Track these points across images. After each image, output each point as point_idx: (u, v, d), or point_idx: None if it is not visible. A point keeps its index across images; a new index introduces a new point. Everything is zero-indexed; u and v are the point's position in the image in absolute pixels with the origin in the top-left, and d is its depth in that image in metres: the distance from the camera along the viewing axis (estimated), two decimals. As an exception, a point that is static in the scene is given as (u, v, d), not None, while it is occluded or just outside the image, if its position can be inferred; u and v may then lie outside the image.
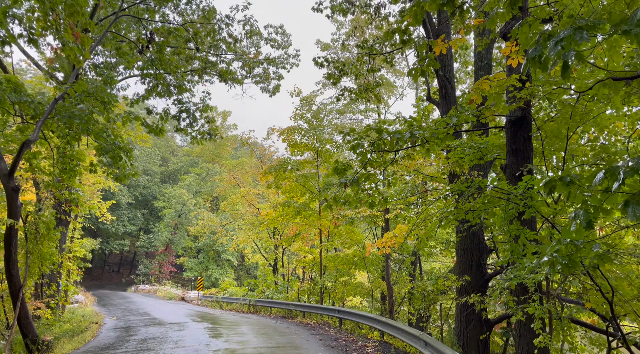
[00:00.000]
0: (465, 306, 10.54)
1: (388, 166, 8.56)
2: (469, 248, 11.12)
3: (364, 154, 8.13)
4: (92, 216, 51.45)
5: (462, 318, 10.85)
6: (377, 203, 8.85)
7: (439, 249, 16.22)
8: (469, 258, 11.08)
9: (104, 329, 16.67)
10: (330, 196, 8.05)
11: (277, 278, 27.21)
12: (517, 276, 5.62)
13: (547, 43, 3.89)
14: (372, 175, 8.51)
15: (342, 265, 18.98)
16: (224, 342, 11.92)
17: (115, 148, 13.02)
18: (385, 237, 9.62)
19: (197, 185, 57.33)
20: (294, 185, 21.99)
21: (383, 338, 11.83)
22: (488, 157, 9.81)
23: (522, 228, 6.24)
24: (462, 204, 9.44)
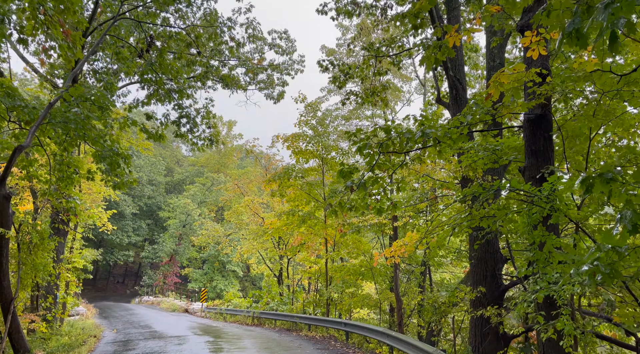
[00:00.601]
0: (481, 320, 9.87)
1: (397, 169, 7.99)
2: (483, 258, 10.47)
3: (371, 156, 7.57)
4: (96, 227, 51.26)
5: (477, 332, 10.17)
6: (386, 209, 8.28)
7: (449, 259, 15.56)
8: (484, 268, 10.43)
9: (102, 343, 16.08)
10: (335, 201, 7.45)
11: (282, 289, 26.55)
12: (544, 288, 5.01)
13: (586, 15, 3.34)
14: (380, 178, 7.94)
15: (349, 276, 18.32)
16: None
17: (113, 154, 12.56)
18: (395, 246, 9.02)
19: (202, 195, 56.91)
20: (298, 193, 21.45)
21: (392, 352, 11.16)
22: (503, 160, 9.20)
23: (548, 234, 5.63)
24: (476, 210, 8.83)
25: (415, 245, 9.09)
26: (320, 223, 20.76)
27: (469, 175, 9.85)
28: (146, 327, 21.20)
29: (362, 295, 18.08)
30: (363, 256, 18.67)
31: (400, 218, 14.41)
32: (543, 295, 4.99)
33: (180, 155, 79.48)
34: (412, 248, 8.97)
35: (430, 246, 9.30)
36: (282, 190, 20.95)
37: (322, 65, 15.27)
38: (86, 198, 21.95)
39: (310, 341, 14.91)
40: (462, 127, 7.69)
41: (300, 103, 22.31)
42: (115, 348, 14.76)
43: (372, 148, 7.41)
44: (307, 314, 18.34)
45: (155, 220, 61.87)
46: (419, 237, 8.91)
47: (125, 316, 27.71)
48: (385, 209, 8.37)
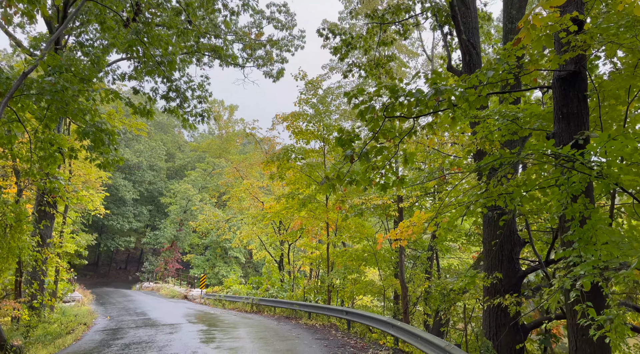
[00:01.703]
0: (496, 309, 8.89)
1: (405, 137, 6.93)
2: (498, 241, 9.44)
3: (374, 121, 6.53)
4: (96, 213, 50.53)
5: (492, 322, 9.19)
6: (392, 185, 7.25)
7: (459, 243, 14.57)
8: (499, 251, 9.41)
9: (91, 332, 15.28)
10: (332, 173, 6.40)
11: (284, 275, 25.70)
12: (590, 273, 4.00)
13: None
14: (385, 148, 6.90)
15: (351, 262, 17.37)
16: (214, 349, 10.40)
17: (96, 130, 11.54)
18: (401, 226, 8.01)
19: (203, 181, 56.01)
20: (298, 175, 20.42)
21: (397, 345, 10.22)
22: (524, 130, 8.12)
23: (593, 207, 4.59)
24: (493, 186, 7.79)
25: (423, 225, 8.07)
26: (322, 206, 19.77)
27: (485, 148, 8.77)
28: (141, 314, 20.42)
29: (365, 282, 17.16)
30: (366, 240, 17.70)
31: (406, 199, 13.38)
32: (590, 282, 3.98)
33: (182, 141, 78.46)
34: (420, 228, 7.96)
35: (441, 227, 8.27)
36: (282, 172, 19.91)
37: (322, 33, 14.13)
38: (77, 181, 21.03)
39: (310, 330, 14.02)
40: (481, 88, 6.63)
41: (300, 80, 21.18)
42: (103, 336, 13.94)
43: (375, 111, 6.35)
44: (307, 302, 17.44)
45: (156, 205, 61.12)
46: (429, 217, 7.89)
47: (122, 303, 27.00)
48: (390, 185, 7.35)
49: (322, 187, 6.74)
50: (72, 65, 11.29)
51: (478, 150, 9.43)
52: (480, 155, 9.80)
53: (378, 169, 7.21)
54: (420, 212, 7.97)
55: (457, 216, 8.28)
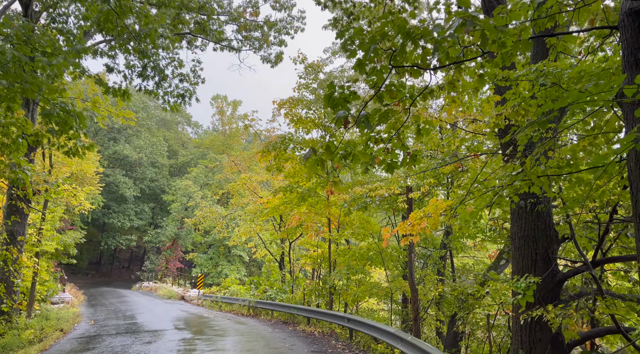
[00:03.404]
0: (531, 321, 7.15)
1: (417, 98, 5.23)
2: (531, 236, 7.70)
3: (378, 72, 4.82)
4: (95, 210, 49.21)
5: (525, 337, 7.46)
6: (401, 163, 5.58)
7: (478, 239, 12.81)
8: (532, 249, 7.66)
9: (64, 340, 13.72)
10: (320, 143, 4.64)
11: (285, 274, 24.06)
12: None
13: None
14: (392, 112, 5.22)
15: (355, 261, 15.68)
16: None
17: (62, 111, 9.92)
18: (412, 218, 6.32)
19: (205, 177, 54.46)
20: (298, 167, 18.71)
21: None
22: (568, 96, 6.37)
23: None
24: (530, 166, 6.08)
25: (440, 217, 6.38)
26: (323, 201, 18.08)
27: (517, 120, 7.03)
28: (129, 318, 18.88)
29: (371, 283, 15.45)
30: (371, 238, 15.99)
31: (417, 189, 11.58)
32: None
33: (185, 138, 77.13)
34: (436, 221, 6.28)
35: (462, 218, 6.57)
36: (279, 163, 18.19)
37: (321, 1, 12.44)
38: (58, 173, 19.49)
39: (307, 339, 12.34)
40: (523, 27, 4.93)
41: (299, 64, 19.50)
42: (73, 346, 12.36)
43: (379, 55, 4.65)
44: (306, 306, 15.78)
45: (159, 203, 59.81)
46: (448, 206, 6.20)
47: (114, 304, 25.50)
48: (399, 163, 5.67)
49: (307, 163, 5.07)
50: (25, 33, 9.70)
51: (506, 125, 7.68)
52: (505, 132, 8.06)
53: (383, 142, 5.51)
54: (438, 199, 6.28)
55: (483, 206, 6.55)
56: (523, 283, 4.58)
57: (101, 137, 55.26)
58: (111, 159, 53.49)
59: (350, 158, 5.08)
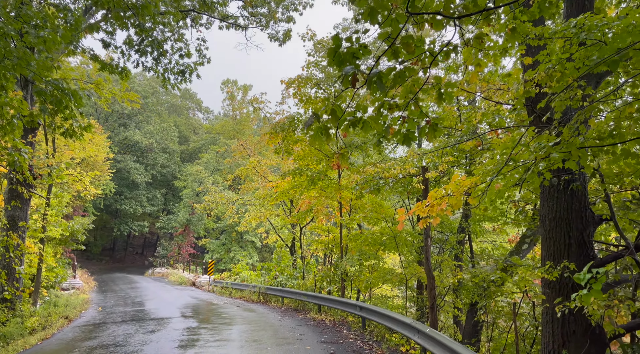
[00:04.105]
0: (564, 312, 6.39)
1: (439, 55, 4.44)
2: (564, 218, 6.89)
3: (394, 22, 4.06)
4: (107, 196, 49.16)
5: (557, 329, 6.71)
6: (420, 133, 4.83)
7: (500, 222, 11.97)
8: (565, 232, 6.86)
9: (68, 328, 13.34)
10: (324, 107, 3.83)
11: (296, 260, 23.52)
12: None
13: None
14: (409, 70, 4.44)
15: (367, 246, 14.98)
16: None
17: (56, 89, 9.32)
18: (431, 198, 5.56)
19: (216, 163, 54.00)
20: (307, 150, 17.98)
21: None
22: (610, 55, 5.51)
23: None
24: (568, 137, 5.30)
25: (462, 196, 5.60)
26: (334, 184, 17.36)
27: (551, 86, 6.17)
28: (137, 305, 18.52)
29: (384, 269, 14.75)
30: (384, 222, 15.24)
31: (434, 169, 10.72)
32: None
33: (196, 123, 76.64)
34: (458, 201, 5.51)
35: (488, 198, 5.80)
36: (288, 145, 17.50)
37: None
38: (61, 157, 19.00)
39: (318, 328, 11.74)
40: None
41: (308, 41, 18.61)
42: (76, 334, 11.94)
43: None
44: (317, 293, 15.18)
45: (171, 189, 59.64)
46: (472, 183, 5.43)
47: (125, 291, 25.27)
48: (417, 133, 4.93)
49: (309, 130, 4.33)
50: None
51: (537, 94, 6.83)
52: (535, 101, 7.20)
53: (398, 108, 4.73)
54: (461, 176, 5.49)
55: (512, 183, 5.75)
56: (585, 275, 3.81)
57: (111, 122, 55.02)
58: (122, 145, 53.29)
59: (360, 125, 4.32)
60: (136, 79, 59.71)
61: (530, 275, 7.40)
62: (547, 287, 6.91)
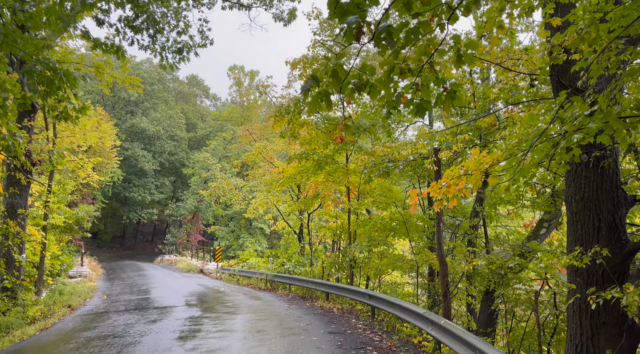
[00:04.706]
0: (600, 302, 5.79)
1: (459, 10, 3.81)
2: (593, 198, 6.25)
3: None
4: (116, 184, 49.07)
5: (585, 320, 6.12)
6: (436, 102, 4.24)
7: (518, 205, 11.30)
8: (594, 214, 6.23)
9: (70, 317, 13.03)
10: (323, 67, 3.18)
11: (305, 247, 23.09)
12: None
13: None
14: (423, 25, 3.83)
15: (377, 232, 14.43)
16: (187, 351, 7.73)
17: (47, 68, 8.82)
18: (447, 177, 4.96)
19: (223, 150, 53.60)
20: (314, 133, 17.37)
21: (439, 349, 7.30)
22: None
23: None
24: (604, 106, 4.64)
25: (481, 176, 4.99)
26: (341, 168, 16.77)
27: (582, 49, 5.50)
28: (142, 293, 18.23)
29: (394, 256, 14.20)
30: (394, 206, 14.66)
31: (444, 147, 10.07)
32: None
33: (203, 111, 76.15)
34: (478, 180, 4.91)
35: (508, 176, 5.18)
36: (293, 129, 16.92)
37: None
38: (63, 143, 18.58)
39: (325, 317, 11.26)
40: None
41: (314, 20, 17.91)
42: (77, 324, 11.60)
43: None
44: (325, 280, 14.71)
45: (179, 177, 59.50)
46: (494, 159, 4.82)
47: (132, 278, 25.07)
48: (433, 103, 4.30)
49: (306, 96, 3.74)
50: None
51: (565, 61, 6.14)
52: (564, 71, 6.51)
53: (411, 73, 4.13)
54: (482, 152, 4.88)
55: (538, 159, 5.11)
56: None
57: (118, 110, 54.73)
58: (129, 133, 53.03)
59: (366, 89, 3.71)
60: (142, 66, 59.22)
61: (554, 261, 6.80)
62: (575, 274, 6.30)
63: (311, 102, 3.76)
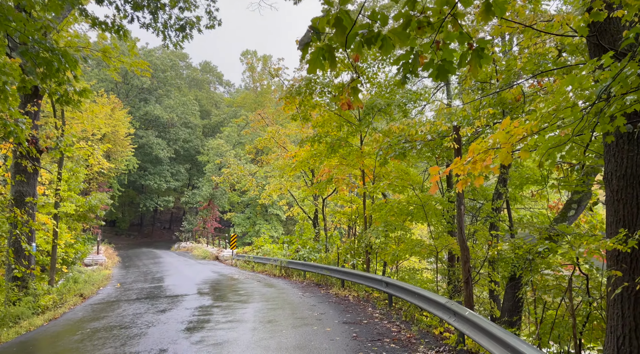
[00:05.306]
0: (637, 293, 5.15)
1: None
2: (637, 175, 5.57)
3: None
4: (132, 172, 49.22)
5: (628, 311, 5.48)
6: (460, 62, 3.66)
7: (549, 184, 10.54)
8: (638, 193, 5.55)
9: (81, 306, 12.80)
10: (325, 14, 2.56)
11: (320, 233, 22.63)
12: None
13: None
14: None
15: (393, 217, 13.82)
16: (193, 344, 7.30)
17: (44, 49, 8.38)
18: (474, 151, 4.31)
19: (237, 136, 53.25)
20: (326, 115, 16.75)
21: (463, 342, 6.72)
22: None
23: None
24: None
25: (510, 149, 4.35)
26: (355, 151, 16.14)
27: (627, 2, 4.75)
28: (156, 281, 18.02)
29: (412, 241, 13.60)
30: (412, 189, 14.01)
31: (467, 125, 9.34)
32: None
33: (217, 97, 75.76)
34: (508, 154, 4.27)
35: (542, 151, 4.53)
36: (305, 111, 16.32)
37: None
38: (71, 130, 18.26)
39: (340, 305, 10.77)
40: None
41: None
42: (87, 313, 11.35)
43: None
44: (340, 267, 14.20)
45: (195, 164, 59.48)
46: (527, 130, 4.17)
47: (147, 266, 24.98)
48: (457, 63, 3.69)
49: (305, 51, 3.17)
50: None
51: (605, 19, 5.40)
52: (604, 31, 5.76)
53: (430, 28, 3.50)
54: (512, 123, 4.22)
55: (579, 128, 4.43)
56: None
57: (132, 98, 54.66)
58: (143, 120, 52.99)
59: (377, 43, 3.10)
60: (155, 53, 58.92)
61: (596, 245, 6.13)
62: (616, 260, 5.64)
63: (311, 60, 3.17)
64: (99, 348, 7.45)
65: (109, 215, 50.60)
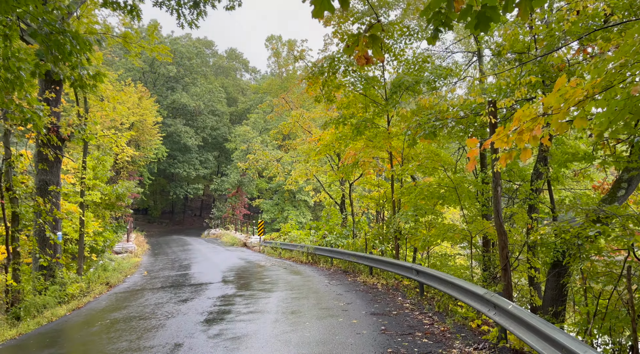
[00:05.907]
0: None
1: None
2: None
3: None
4: (161, 161, 49.72)
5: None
6: (507, 7, 2.95)
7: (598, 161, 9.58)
8: None
9: (105, 295, 12.70)
10: None
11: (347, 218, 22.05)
12: None
13: None
14: None
15: (423, 200, 13.07)
16: (210, 339, 6.88)
17: (54, 30, 7.98)
18: (517, 119, 3.56)
19: (264, 123, 52.93)
20: (351, 96, 16.02)
21: (505, 338, 6.02)
22: None
23: None
24: None
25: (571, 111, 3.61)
26: (382, 132, 15.38)
27: None
28: (183, 268, 17.90)
29: (444, 225, 12.85)
30: (443, 171, 13.21)
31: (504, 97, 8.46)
32: None
33: (243, 85, 75.57)
34: (562, 121, 3.53)
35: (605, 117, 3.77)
36: (329, 92, 15.60)
37: None
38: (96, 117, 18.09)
39: (368, 294, 10.19)
40: None
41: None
42: (110, 303, 11.19)
43: None
44: (368, 254, 13.59)
45: (222, 151, 59.66)
46: (586, 91, 3.42)
47: (176, 253, 25.05)
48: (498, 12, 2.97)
49: None
50: None
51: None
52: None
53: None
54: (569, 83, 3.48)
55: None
56: None
57: (159, 87, 55.00)
58: (170, 109, 53.29)
59: None
60: (180, 41, 58.99)
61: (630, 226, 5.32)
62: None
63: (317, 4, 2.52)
64: (114, 341, 7.12)
65: (140, 203, 51.50)
